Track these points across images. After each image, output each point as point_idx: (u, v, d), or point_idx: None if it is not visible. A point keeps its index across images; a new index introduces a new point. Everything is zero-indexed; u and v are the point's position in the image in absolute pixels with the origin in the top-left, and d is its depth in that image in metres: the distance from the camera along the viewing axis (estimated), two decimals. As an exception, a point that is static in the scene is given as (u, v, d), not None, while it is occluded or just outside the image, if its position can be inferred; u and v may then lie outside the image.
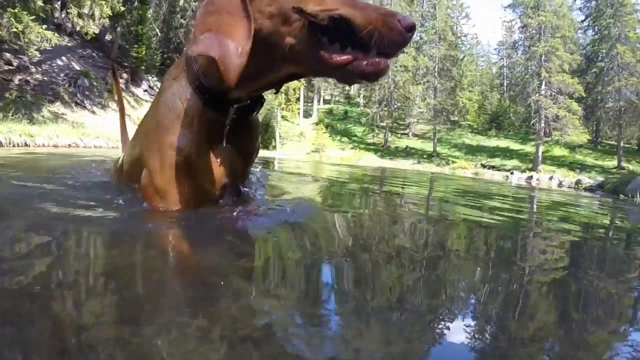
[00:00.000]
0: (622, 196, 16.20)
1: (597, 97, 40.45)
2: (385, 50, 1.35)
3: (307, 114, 50.70)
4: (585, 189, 23.30)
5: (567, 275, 2.00)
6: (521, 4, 42.23)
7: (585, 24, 46.65)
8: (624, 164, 37.61)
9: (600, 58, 41.65)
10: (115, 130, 15.00)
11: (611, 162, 38.83)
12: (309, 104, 53.63)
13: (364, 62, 1.36)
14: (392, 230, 2.66)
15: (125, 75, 23.54)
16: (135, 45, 24.66)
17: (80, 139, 13.46)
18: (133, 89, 23.74)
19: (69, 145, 12.70)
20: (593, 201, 9.68)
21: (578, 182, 26.32)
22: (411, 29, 1.32)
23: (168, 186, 1.77)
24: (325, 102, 61.14)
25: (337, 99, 63.66)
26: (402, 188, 6.30)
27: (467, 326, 1.50)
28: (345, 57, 1.37)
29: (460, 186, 9.38)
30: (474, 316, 1.66)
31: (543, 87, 37.50)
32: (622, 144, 38.97)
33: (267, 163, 22.31)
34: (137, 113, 20.26)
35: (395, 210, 4.01)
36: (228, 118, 1.73)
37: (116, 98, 3.65)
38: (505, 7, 46.43)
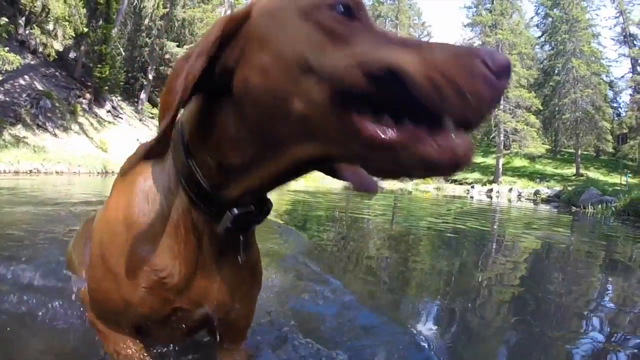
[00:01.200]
0: (574, 208, 17.13)
1: (554, 108, 42.49)
2: (464, 115, 0.72)
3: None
4: (543, 201, 24.46)
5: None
6: (479, 23, 43.53)
7: (542, 39, 48.59)
8: (582, 171, 40.01)
9: (556, 72, 43.74)
10: (77, 154, 15.19)
11: (570, 170, 41.08)
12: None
13: (429, 144, 0.74)
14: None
15: (88, 96, 23.42)
16: (99, 65, 24.52)
17: (41, 164, 13.57)
18: (96, 109, 23.68)
19: (30, 172, 12.84)
20: (542, 220, 10.24)
21: (537, 192, 27.70)
22: (505, 70, 0.72)
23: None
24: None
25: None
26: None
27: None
28: (394, 134, 0.76)
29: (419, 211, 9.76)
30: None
31: (501, 102, 38.50)
32: (579, 152, 41.21)
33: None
34: (100, 135, 20.23)
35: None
36: (221, 226, 1.13)
37: None
38: (465, 25, 47.67)
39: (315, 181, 35.89)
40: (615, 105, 47.37)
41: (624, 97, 46.90)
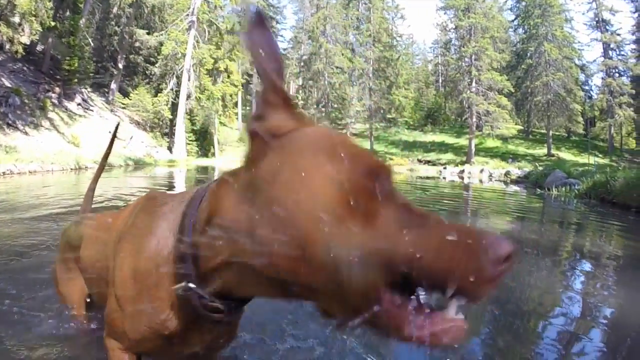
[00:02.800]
0: (538, 190, 17.76)
1: (527, 90, 43.24)
2: (466, 294, 0.75)
3: (246, 118, 50.50)
4: (513, 181, 25.20)
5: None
6: (453, 6, 43.87)
7: (515, 23, 49.25)
8: (553, 151, 41.14)
9: (529, 55, 44.27)
10: (49, 151, 15.17)
11: (542, 150, 42.15)
12: (248, 108, 53.85)
13: (424, 329, 0.77)
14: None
15: (57, 90, 23.07)
16: (68, 58, 24.26)
17: (14, 164, 13.28)
18: (66, 103, 23.32)
19: (4, 174, 12.78)
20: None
21: (507, 173, 28.48)
22: (508, 259, 0.74)
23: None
24: (265, 104, 60.83)
25: (276, 101, 63.29)
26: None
27: None
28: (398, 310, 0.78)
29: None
30: None
31: (474, 84, 39.28)
32: (551, 133, 42.18)
33: (205, 172, 22.82)
34: (71, 130, 20.08)
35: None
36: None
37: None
38: (438, 9, 48.04)
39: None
40: (587, 88, 48.51)
41: (595, 81, 48.12)
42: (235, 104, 42.74)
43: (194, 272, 1.05)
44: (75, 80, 25.20)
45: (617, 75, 42.53)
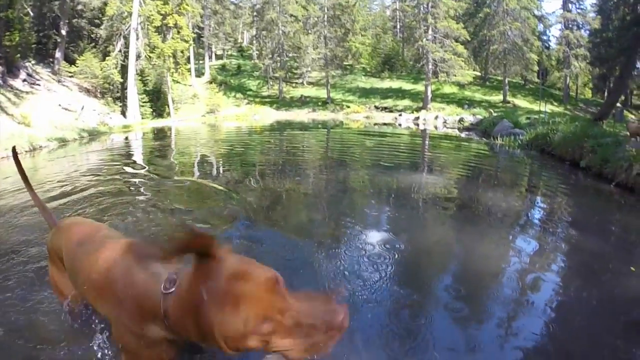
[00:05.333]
0: (484, 140, 18.72)
1: (484, 39, 43.79)
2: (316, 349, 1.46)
3: (199, 73, 50.51)
4: (465, 128, 26.26)
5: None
6: (410, -49, 43.50)
7: (475, -29, 49.01)
8: (509, 98, 42.28)
9: (487, 3, 44.35)
10: (2, 138, 15.08)
11: (498, 97, 43.21)
12: (201, 62, 53.33)
13: None
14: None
15: (0, 68, 22.34)
16: (8, 33, 22.93)
17: None
18: (11, 81, 22.23)
19: None
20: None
21: (461, 120, 29.48)
22: (343, 326, 1.44)
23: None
24: (218, 57, 60.68)
25: (229, 52, 63.39)
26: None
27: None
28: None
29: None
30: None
31: (430, 32, 39.53)
32: (507, 81, 43.14)
33: (162, 135, 23.02)
34: (20, 110, 19.75)
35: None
36: None
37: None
38: (395, -47, 47.59)
39: (246, 119, 36.74)
40: (545, 38, 49.59)
41: (554, 32, 48.88)
42: (188, 60, 42.15)
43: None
44: (18, 55, 24.30)
45: (575, 28, 43.73)
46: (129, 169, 11.03)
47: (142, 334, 1.80)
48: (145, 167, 11.50)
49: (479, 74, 49.35)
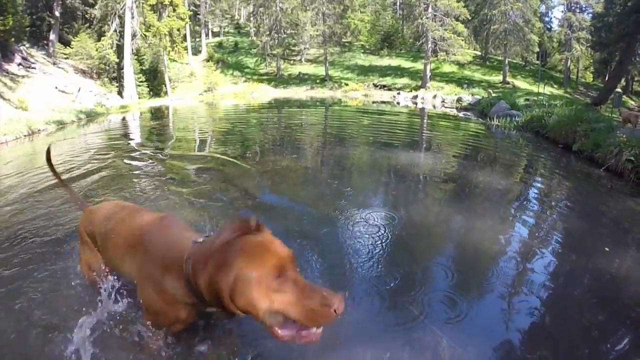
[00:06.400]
0: (481, 120, 19.04)
1: (484, 18, 43.42)
2: (315, 326, 1.82)
3: (196, 51, 50.34)
4: (463, 108, 26.51)
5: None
6: None
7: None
8: (509, 79, 42.20)
9: (488, -18, 43.92)
10: (0, 124, 15.29)
11: (497, 77, 43.09)
12: (197, 40, 53.13)
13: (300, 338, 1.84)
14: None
15: None
16: (1, 17, 22.56)
17: None
18: (6, 66, 22.03)
19: None
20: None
21: (459, 99, 29.66)
22: (339, 310, 1.75)
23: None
24: (215, 34, 60.60)
25: (226, 29, 63.03)
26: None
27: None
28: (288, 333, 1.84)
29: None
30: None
31: (430, 10, 39.32)
32: (507, 61, 42.98)
33: (160, 114, 23.29)
34: (16, 94, 19.84)
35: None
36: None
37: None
38: None
39: (244, 97, 36.95)
40: (547, 19, 49.45)
41: (556, 14, 48.62)
42: (184, 38, 42.08)
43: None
44: (12, 39, 24.03)
45: (578, 10, 43.48)
46: (130, 148, 11.63)
47: (164, 290, 2.15)
48: (147, 145, 12.10)
49: (479, 53, 49.40)
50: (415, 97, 35.36)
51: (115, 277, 2.83)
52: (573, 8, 43.50)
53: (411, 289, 3.64)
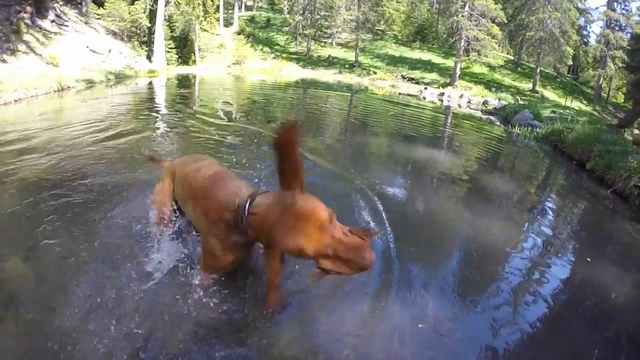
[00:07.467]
0: (502, 127, 19.24)
1: (521, 23, 42.96)
2: (359, 271, 2.15)
3: (227, 23, 50.50)
4: (488, 112, 26.64)
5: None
6: None
7: (521, -48, 48.00)
8: (539, 88, 41.81)
9: (529, -13, 43.43)
10: (29, 76, 15.74)
11: (527, 85, 42.66)
12: (230, 12, 53.34)
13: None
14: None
15: (29, 9, 21.59)
16: None
17: None
18: (40, 22, 22.55)
19: None
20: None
21: (485, 102, 29.67)
22: (372, 262, 2.12)
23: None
24: (248, 8, 60.79)
25: (259, 4, 63.22)
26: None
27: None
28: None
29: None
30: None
31: (466, 8, 39.13)
32: (539, 70, 42.57)
33: (187, 82, 23.80)
34: (48, 50, 20.17)
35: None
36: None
37: None
38: None
39: (272, 74, 37.27)
40: (585, 33, 48.76)
41: (594, 29, 48.10)
42: (217, 9, 42.40)
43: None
44: None
45: (617, 28, 42.78)
46: (160, 110, 12.88)
47: (223, 232, 2.59)
48: (181, 109, 13.11)
49: (511, 58, 48.91)
50: (442, 94, 35.34)
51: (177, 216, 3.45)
52: (612, 25, 42.87)
53: (417, 281, 4.02)
